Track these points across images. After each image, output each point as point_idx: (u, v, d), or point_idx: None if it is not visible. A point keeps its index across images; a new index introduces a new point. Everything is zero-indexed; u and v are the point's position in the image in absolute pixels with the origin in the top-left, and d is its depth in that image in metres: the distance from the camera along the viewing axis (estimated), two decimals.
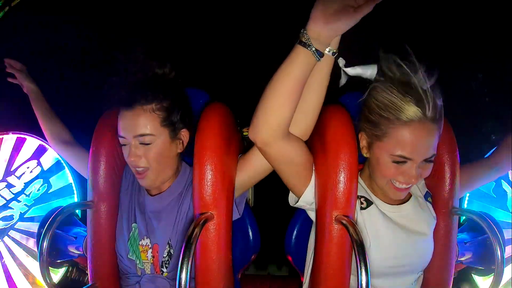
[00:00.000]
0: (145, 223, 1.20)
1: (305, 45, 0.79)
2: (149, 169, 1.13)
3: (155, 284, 1.17)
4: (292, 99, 0.84)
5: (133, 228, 1.21)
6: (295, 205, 1.14)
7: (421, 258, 1.12)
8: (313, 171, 1.07)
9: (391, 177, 1.02)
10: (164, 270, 1.17)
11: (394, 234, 1.09)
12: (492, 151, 1.34)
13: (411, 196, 1.17)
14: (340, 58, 0.89)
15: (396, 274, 1.11)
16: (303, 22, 0.81)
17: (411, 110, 0.92)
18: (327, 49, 0.83)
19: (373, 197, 1.13)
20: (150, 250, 1.18)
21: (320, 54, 0.81)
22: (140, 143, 1.10)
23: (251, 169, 1.11)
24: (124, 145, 1.13)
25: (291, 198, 1.15)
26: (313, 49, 0.79)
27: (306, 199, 1.08)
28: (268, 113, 0.86)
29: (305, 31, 0.79)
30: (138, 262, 1.20)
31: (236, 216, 1.18)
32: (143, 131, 1.09)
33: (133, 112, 1.09)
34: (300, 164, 1.01)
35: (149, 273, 1.19)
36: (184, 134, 1.19)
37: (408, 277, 1.13)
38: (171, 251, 1.16)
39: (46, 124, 1.45)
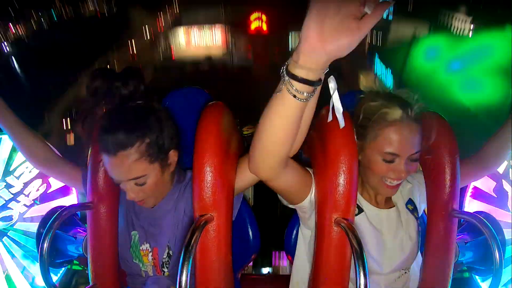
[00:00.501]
0: (144, 230, 1.23)
1: (299, 80, 0.63)
2: (148, 198, 1.16)
3: (159, 285, 1.20)
4: (288, 138, 0.76)
5: (133, 236, 1.25)
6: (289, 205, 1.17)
7: (404, 258, 1.19)
8: (313, 183, 1.08)
9: (382, 175, 1.10)
10: (165, 270, 1.21)
11: (381, 242, 1.17)
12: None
13: (394, 205, 1.23)
14: (331, 77, 0.70)
15: (377, 273, 1.17)
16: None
17: (395, 113, 1.05)
18: None
19: (363, 203, 1.19)
20: (150, 253, 1.22)
21: (317, 84, 0.65)
22: (135, 184, 1.09)
23: (248, 174, 1.07)
24: (118, 183, 1.11)
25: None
26: (306, 84, 0.63)
27: (302, 208, 1.13)
28: (265, 154, 0.83)
29: (293, 60, 0.62)
30: (141, 265, 1.24)
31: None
32: (135, 175, 1.07)
33: (118, 159, 1.04)
34: (299, 185, 1.06)
35: (152, 274, 1.23)
36: (173, 155, 1.17)
37: (390, 275, 1.19)
38: (170, 252, 1.20)
39: (17, 139, 1.24)
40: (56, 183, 1.77)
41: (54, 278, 1.66)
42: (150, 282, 1.22)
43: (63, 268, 1.68)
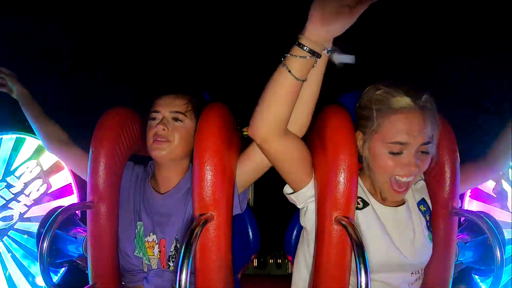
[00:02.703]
0: (152, 220, 1.24)
1: (303, 47, 0.80)
2: (170, 142, 1.22)
3: (162, 278, 1.20)
4: (289, 100, 0.87)
5: (138, 226, 1.25)
6: (288, 195, 1.14)
7: (414, 259, 1.12)
8: (313, 172, 1.08)
9: (390, 171, 1.02)
10: (171, 264, 1.21)
11: (387, 236, 1.11)
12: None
13: (405, 202, 1.18)
14: (334, 53, 0.88)
15: (388, 271, 1.12)
16: (303, 21, 0.80)
17: (401, 99, 0.98)
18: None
19: (370, 198, 1.14)
20: (157, 245, 1.22)
21: (318, 56, 0.82)
22: (172, 118, 1.23)
23: (252, 165, 1.15)
24: (154, 119, 1.24)
25: (287, 188, 1.15)
26: (310, 55, 0.80)
27: (302, 196, 1.10)
28: (266, 112, 0.89)
29: (302, 36, 0.80)
30: (144, 258, 1.23)
31: (237, 211, 1.21)
32: (178, 109, 1.24)
33: (174, 95, 1.26)
34: (298, 160, 1.03)
35: (156, 268, 1.22)
36: None
37: (402, 274, 1.14)
38: (178, 245, 1.20)
39: (40, 127, 1.44)
40: (56, 183, 1.78)
41: (54, 278, 1.66)
42: (153, 274, 1.20)
43: (63, 268, 1.68)
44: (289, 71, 0.81)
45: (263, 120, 0.89)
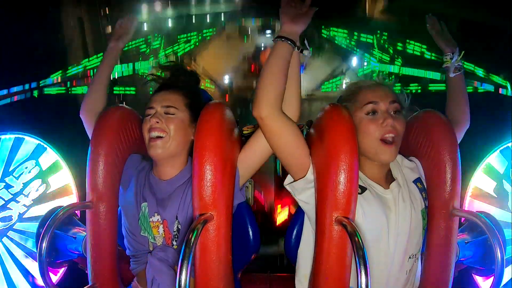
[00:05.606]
0: (155, 201, 1.27)
1: (284, 39, 1.11)
2: (166, 136, 1.25)
3: (166, 253, 1.24)
4: (282, 77, 1.12)
5: (143, 208, 1.28)
6: (289, 185, 1.19)
7: (412, 234, 1.16)
8: (311, 164, 1.12)
9: (374, 134, 1.14)
10: (174, 243, 1.25)
11: (387, 214, 1.15)
12: None
13: (395, 179, 1.22)
14: (304, 50, 1.21)
15: (389, 253, 1.15)
16: None
17: (366, 81, 1.25)
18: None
19: (367, 182, 1.19)
20: (161, 225, 1.26)
21: (295, 44, 1.13)
22: (165, 113, 1.27)
23: (253, 155, 1.21)
24: (149, 115, 1.27)
25: (288, 178, 1.21)
26: (289, 42, 1.12)
27: (302, 182, 1.14)
28: (266, 89, 1.10)
29: (281, 33, 1.13)
30: (150, 237, 1.27)
31: (241, 199, 1.25)
32: (170, 103, 1.28)
33: (167, 91, 1.32)
34: (296, 140, 1.13)
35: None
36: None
37: (398, 259, 1.16)
38: (179, 226, 1.24)
39: (93, 89, 1.43)
40: (55, 183, 1.78)
41: (54, 278, 1.66)
42: (157, 250, 1.25)
43: (62, 268, 1.68)
44: (287, 40, 1.11)
45: (265, 97, 1.09)
